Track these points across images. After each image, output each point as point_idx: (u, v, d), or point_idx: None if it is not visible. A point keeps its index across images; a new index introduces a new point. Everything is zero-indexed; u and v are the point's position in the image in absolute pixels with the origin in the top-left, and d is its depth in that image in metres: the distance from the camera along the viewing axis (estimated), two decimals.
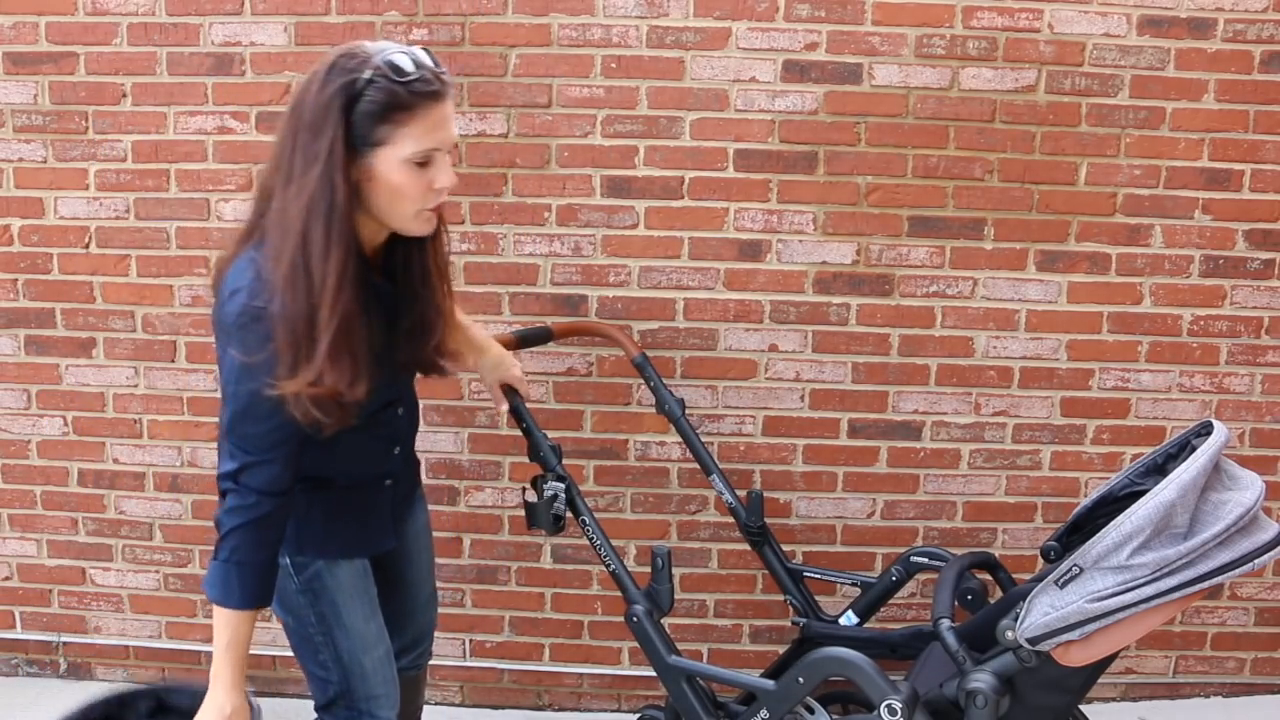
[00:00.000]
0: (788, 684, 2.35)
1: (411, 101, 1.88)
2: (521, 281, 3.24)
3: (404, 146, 1.90)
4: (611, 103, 3.16)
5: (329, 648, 2.30)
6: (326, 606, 2.28)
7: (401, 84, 1.87)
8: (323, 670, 2.33)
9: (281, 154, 1.93)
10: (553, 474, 2.61)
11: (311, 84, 1.89)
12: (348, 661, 2.31)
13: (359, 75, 1.86)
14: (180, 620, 3.53)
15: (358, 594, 2.32)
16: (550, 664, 3.52)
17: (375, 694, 2.36)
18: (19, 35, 3.18)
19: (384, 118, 1.87)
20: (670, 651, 2.52)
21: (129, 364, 3.36)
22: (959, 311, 3.25)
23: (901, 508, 3.38)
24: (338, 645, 2.30)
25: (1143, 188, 3.19)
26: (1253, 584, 3.44)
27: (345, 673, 2.31)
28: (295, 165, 1.89)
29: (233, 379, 1.98)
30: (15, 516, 3.49)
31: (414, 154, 1.91)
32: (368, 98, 1.86)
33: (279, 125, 1.96)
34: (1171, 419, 3.32)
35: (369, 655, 2.33)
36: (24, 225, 3.30)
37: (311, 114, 1.87)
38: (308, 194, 1.87)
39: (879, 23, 3.10)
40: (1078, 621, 1.93)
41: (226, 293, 1.97)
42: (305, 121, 1.88)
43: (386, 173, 1.91)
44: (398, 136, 1.89)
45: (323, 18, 3.14)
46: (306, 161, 1.87)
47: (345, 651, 2.30)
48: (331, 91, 1.86)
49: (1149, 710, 3.48)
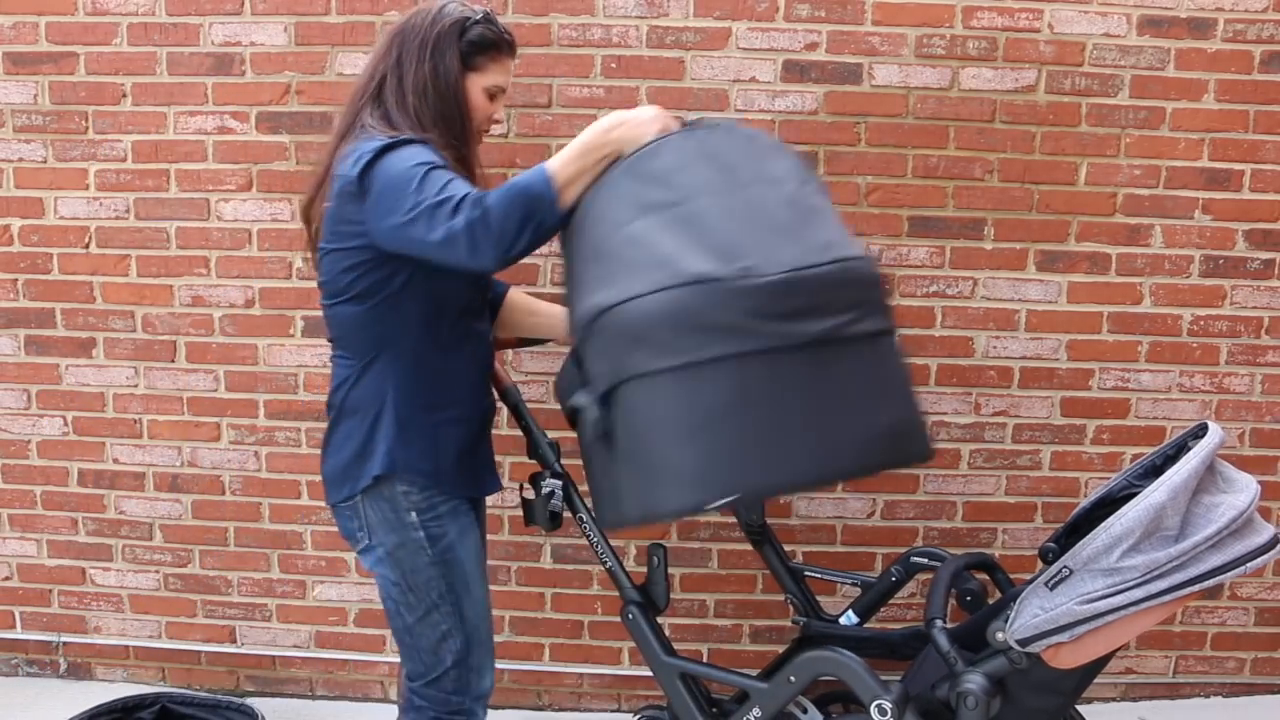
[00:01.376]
0: (780, 683, 2.35)
1: (502, 45, 2.36)
2: (522, 281, 3.23)
3: (488, 77, 2.35)
4: (612, 103, 3.15)
5: (454, 616, 2.37)
6: (457, 576, 2.37)
7: (499, 32, 2.35)
8: (439, 641, 2.38)
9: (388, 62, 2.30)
10: (550, 471, 2.61)
11: (425, 16, 2.31)
12: (470, 630, 2.40)
13: (470, 17, 2.31)
14: (180, 620, 3.53)
15: (480, 563, 2.45)
16: (550, 664, 3.52)
17: (484, 664, 2.45)
18: (19, 35, 3.19)
19: (483, 51, 2.32)
20: (665, 650, 2.52)
21: (129, 364, 3.36)
22: (959, 311, 3.25)
23: (901, 508, 3.38)
24: (464, 614, 2.38)
25: (1143, 188, 3.19)
26: (1253, 584, 3.43)
27: (468, 640, 2.40)
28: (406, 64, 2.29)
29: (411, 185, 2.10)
30: (15, 516, 3.50)
31: (491, 85, 2.36)
32: (476, 32, 2.31)
33: (377, 45, 2.36)
34: (1171, 419, 3.32)
35: (484, 622, 2.44)
36: (24, 225, 3.31)
37: (426, 35, 2.29)
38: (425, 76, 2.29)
39: (879, 23, 3.10)
40: (1067, 623, 1.93)
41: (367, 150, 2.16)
42: (419, 41, 2.29)
43: (473, 92, 2.34)
44: (488, 68, 2.34)
45: (323, 18, 3.14)
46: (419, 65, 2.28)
47: (469, 620, 2.39)
48: (449, 22, 2.30)
49: (1149, 710, 3.47)
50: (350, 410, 2.31)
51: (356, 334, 2.28)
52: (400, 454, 2.28)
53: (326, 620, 3.50)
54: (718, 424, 1.86)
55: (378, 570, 2.37)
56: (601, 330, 1.94)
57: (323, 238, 2.26)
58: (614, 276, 1.93)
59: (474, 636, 2.41)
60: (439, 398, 2.33)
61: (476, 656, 2.42)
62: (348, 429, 2.32)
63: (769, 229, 1.96)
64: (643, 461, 1.91)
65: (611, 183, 2.03)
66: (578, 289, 2.04)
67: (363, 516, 2.33)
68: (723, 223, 1.93)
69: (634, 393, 1.91)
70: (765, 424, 1.87)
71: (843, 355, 1.94)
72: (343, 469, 2.32)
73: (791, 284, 1.89)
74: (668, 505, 1.92)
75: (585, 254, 2.01)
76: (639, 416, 1.91)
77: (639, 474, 1.93)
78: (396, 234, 2.11)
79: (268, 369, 3.34)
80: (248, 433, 3.37)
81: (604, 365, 1.94)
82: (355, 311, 2.26)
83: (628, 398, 1.92)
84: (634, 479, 1.94)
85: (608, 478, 2.03)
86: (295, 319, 3.31)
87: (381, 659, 3.51)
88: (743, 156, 2.06)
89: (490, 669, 2.48)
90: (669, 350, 1.85)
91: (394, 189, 2.10)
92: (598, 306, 1.94)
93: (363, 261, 2.20)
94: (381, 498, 2.30)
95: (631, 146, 2.10)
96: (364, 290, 2.23)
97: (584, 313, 1.98)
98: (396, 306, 2.24)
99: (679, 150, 2.05)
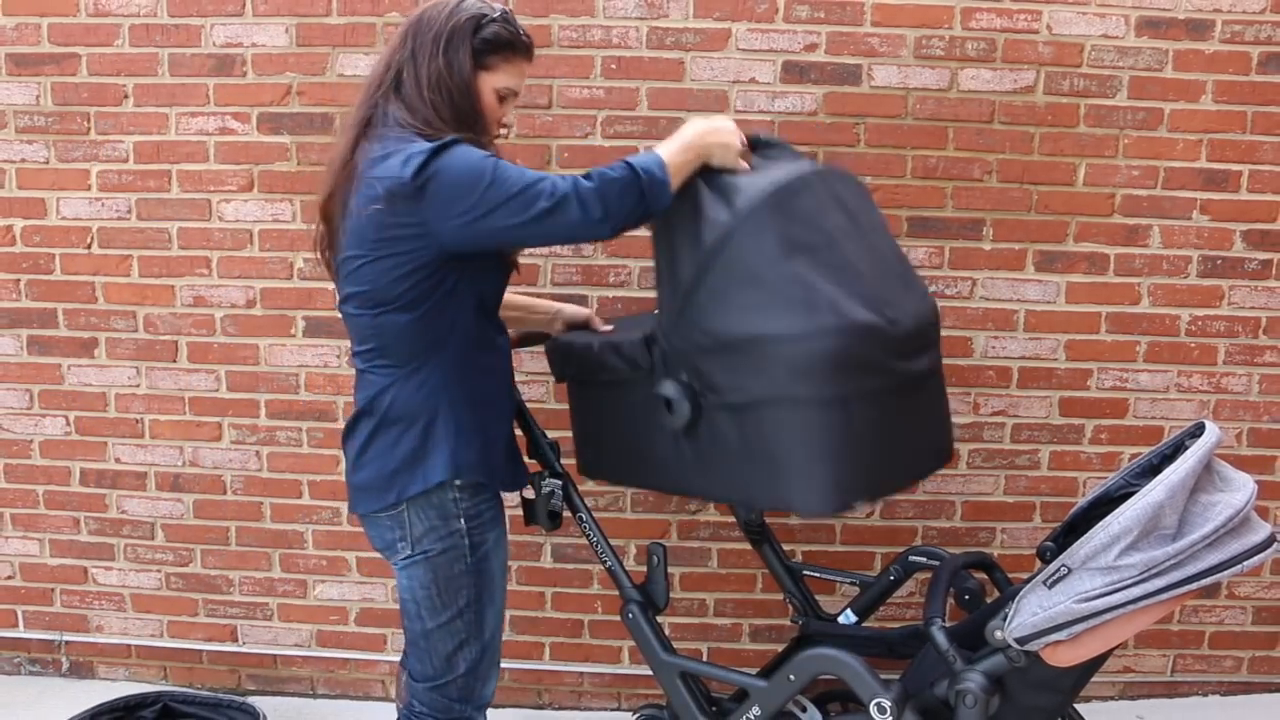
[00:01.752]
0: (779, 682, 2.36)
1: (518, 46, 2.30)
2: (522, 282, 3.24)
3: (500, 78, 2.29)
4: (612, 104, 3.17)
5: (475, 625, 2.37)
6: (485, 585, 2.37)
7: (516, 34, 2.30)
8: (456, 648, 2.37)
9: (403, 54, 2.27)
10: (550, 471, 2.63)
11: (441, 10, 2.27)
12: (487, 640, 2.41)
13: (486, 14, 2.27)
14: (182, 619, 3.54)
15: (505, 575, 2.46)
16: (550, 663, 3.53)
17: (490, 672, 2.46)
18: (21, 36, 3.20)
19: (497, 50, 2.27)
20: (664, 648, 2.53)
21: (131, 364, 3.37)
22: (958, 311, 3.26)
23: (900, 507, 3.39)
24: (484, 622, 2.39)
25: (1141, 188, 3.20)
26: (1250, 583, 3.44)
27: (483, 648, 2.41)
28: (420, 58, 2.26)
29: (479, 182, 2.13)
30: (18, 516, 3.51)
31: (503, 87, 2.30)
32: (491, 30, 2.26)
33: (392, 39, 2.30)
34: (1169, 419, 3.33)
35: (499, 632, 2.46)
36: (26, 226, 3.32)
37: (440, 29, 2.25)
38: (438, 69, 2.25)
39: (878, 24, 3.11)
40: (1065, 622, 1.94)
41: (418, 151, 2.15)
42: (433, 35, 2.25)
43: (484, 92, 2.28)
44: (500, 68, 2.28)
45: (323, 19, 3.15)
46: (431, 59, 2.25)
47: (488, 629, 2.40)
48: (464, 18, 2.25)
49: (1147, 709, 3.48)
50: (396, 417, 2.27)
51: (405, 341, 2.23)
52: (463, 457, 2.27)
53: (328, 619, 3.51)
54: (855, 445, 2.14)
55: (409, 573, 2.33)
56: (756, 353, 2.12)
57: (359, 247, 2.19)
58: (775, 308, 2.11)
59: (489, 646, 2.41)
60: (485, 396, 2.35)
61: (486, 665, 2.42)
62: (393, 436, 2.27)
63: (895, 277, 2.28)
64: (782, 466, 2.15)
65: (759, 213, 2.15)
66: (716, 303, 2.18)
67: (406, 525, 2.29)
68: (866, 270, 2.19)
69: (782, 411, 2.13)
70: (887, 445, 2.19)
71: (925, 384, 2.31)
72: (388, 477, 2.27)
73: (919, 330, 2.25)
74: (809, 507, 2.17)
75: (735, 275, 2.15)
76: (785, 432, 2.14)
77: (776, 476, 2.17)
78: (473, 228, 2.12)
79: (269, 369, 3.35)
80: (249, 432, 3.38)
81: (748, 383, 2.14)
82: (405, 319, 2.21)
83: (772, 413, 2.14)
84: (770, 478, 2.18)
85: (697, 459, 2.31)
86: (296, 319, 3.32)
87: (382, 658, 3.52)
88: (857, 202, 2.33)
89: (495, 677, 2.48)
90: (829, 383, 2.09)
91: (466, 185, 2.11)
92: (762, 333, 2.11)
93: (420, 267, 2.16)
94: (430, 505, 2.27)
95: (721, 154, 2.26)
96: (417, 296, 2.19)
97: (733, 331, 2.15)
98: (445, 310, 2.22)
99: (815, 192, 2.23)
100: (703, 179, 2.25)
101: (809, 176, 2.24)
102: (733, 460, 2.21)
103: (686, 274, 2.21)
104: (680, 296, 2.22)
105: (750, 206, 2.16)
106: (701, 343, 2.19)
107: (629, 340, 2.39)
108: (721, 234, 2.16)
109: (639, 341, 2.34)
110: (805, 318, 2.08)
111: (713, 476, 2.29)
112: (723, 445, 2.22)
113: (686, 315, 2.22)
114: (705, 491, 2.41)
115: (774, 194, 2.17)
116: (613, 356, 2.43)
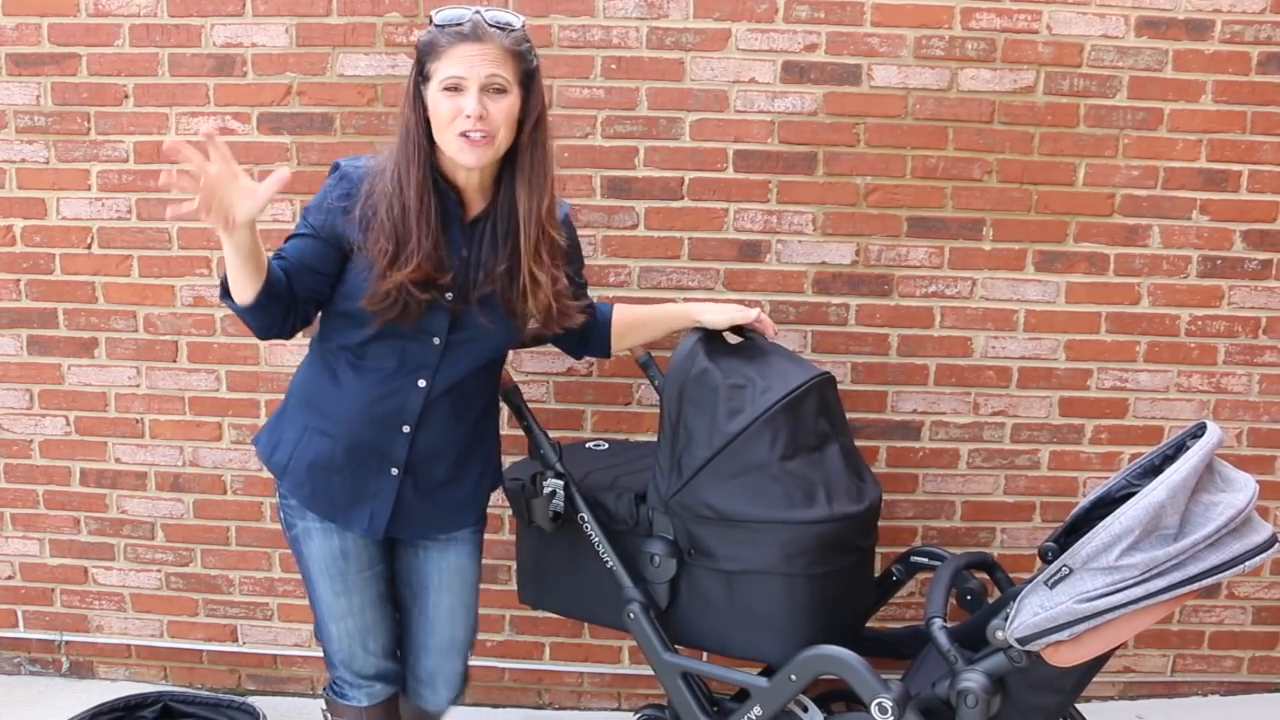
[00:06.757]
0: (781, 681, 2.36)
1: (444, 40, 2.23)
2: None
3: (438, 76, 2.23)
4: (611, 104, 3.17)
5: (315, 602, 2.55)
6: (303, 567, 2.53)
7: (439, 28, 2.24)
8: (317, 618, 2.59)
9: None
10: (552, 471, 2.63)
11: None
12: (319, 618, 2.55)
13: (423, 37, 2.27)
14: (182, 619, 3.54)
15: (327, 570, 2.50)
16: (550, 663, 3.53)
17: (336, 661, 2.57)
18: (21, 36, 3.20)
19: (430, 56, 2.24)
20: (666, 648, 2.53)
21: (131, 364, 3.37)
22: (958, 312, 3.26)
23: (900, 507, 3.39)
24: (313, 600, 2.55)
25: (1141, 188, 3.20)
26: (1250, 583, 3.45)
27: (319, 625, 2.57)
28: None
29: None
30: (18, 516, 3.51)
31: (444, 79, 2.22)
32: (424, 43, 2.26)
33: None
34: (1169, 419, 3.33)
35: (336, 624, 2.53)
36: (26, 226, 3.31)
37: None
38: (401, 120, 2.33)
39: (878, 24, 3.11)
40: (1067, 622, 1.94)
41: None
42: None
43: (432, 102, 2.25)
44: (436, 69, 2.23)
45: (323, 19, 3.15)
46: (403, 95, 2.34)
47: (316, 609, 2.55)
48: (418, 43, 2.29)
49: (1147, 709, 3.48)
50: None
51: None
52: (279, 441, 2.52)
53: None
54: (825, 610, 2.48)
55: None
56: (756, 532, 2.42)
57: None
58: (777, 497, 2.42)
59: (322, 625, 2.56)
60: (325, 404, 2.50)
61: (330, 648, 2.58)
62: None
63: (862, 468, 2.66)
64: (763, 624, 2.47)
65: (778, 416, 2.46)
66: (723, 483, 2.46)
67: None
68: (844, 465, 2.56)
69: (772, 581, 2.44)
70: (843, 607, 2.57)
71: (869, 557, 2.69)
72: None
73: (874, 512, 2.59)
74: (780, 660, 2.43)
75: (745, 463, 2.44)
76: (772, 598, 2.45)
77: (757, 631, 2.49)
78: None
79: (269, 369, 3.35)
80: (249, 432, 3.38)
81: (743, 554, 2.45)
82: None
83: (762, 582, 2.45)
84: (750, 632, 2.50)
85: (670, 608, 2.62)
86: None
87: None
88: (836, 406, 2.66)
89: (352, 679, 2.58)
90: (816, 563, 2.43)
91: None
92: (765, 518, 2.42)
93: None
94: None
95: None
96: None
97: (737, 511, 2.44)
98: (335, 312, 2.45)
99: (814, 398, 2.55)
100: (720, 366, 2.51)
101: (811, 385, 2.55)
102: (713, 613, 2.53)
103: (700, 454, 2.46)
104: (690, 471, 2.47)
105: (770, 408, 2.45)
106: (703, 514, 2.46)
107: (616, 498, 2.64)
108: (741, 427, 2.43)
109: (630, 500, 2.61)
110: (803, 509, 2.41)
111: (686, 625, 2.59)
112: (703, 599, 2.53)
113: (692, 488, 2.47)
114: (676, 636, 2.62)
115: (788, 400, 2.47)
116: (602, 512, 2.65)
